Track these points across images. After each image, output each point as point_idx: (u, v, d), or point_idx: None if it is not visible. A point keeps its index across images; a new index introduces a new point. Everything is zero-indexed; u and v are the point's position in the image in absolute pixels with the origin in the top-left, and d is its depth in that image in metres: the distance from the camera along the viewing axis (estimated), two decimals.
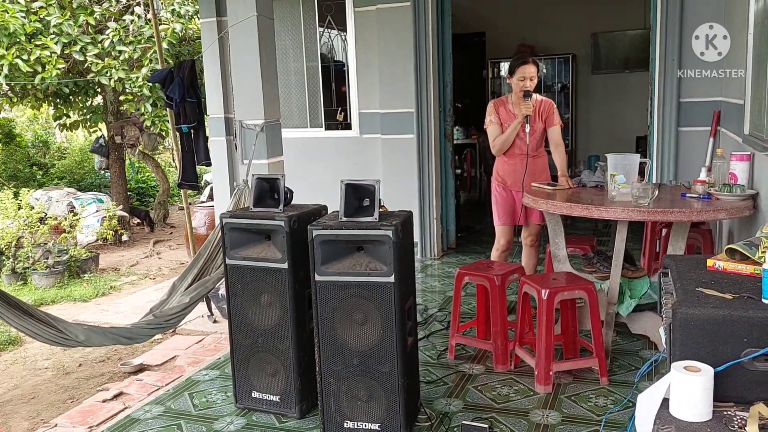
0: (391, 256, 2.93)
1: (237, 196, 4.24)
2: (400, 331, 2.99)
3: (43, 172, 11.86)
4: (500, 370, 3.85)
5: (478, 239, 7.27)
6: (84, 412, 3.67)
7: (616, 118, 9.94)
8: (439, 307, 5.03)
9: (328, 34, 6.78)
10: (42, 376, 4.42)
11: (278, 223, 3.22)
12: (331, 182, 5.50)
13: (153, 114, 7.88)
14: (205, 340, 4.72)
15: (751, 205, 3.47)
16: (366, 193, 3.08)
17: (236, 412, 3.48)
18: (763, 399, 1.81)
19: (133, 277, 6.90)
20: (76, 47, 7.39)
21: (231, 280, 3.38)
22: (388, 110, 6.33)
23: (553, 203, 3.85)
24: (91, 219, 8.15)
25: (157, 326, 3.87)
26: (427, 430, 3.21)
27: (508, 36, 10.30)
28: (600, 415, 3.26)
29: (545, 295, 3.50)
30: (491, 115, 4.53)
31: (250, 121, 4.44)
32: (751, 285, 2.00)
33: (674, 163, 5.30)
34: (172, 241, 8.68)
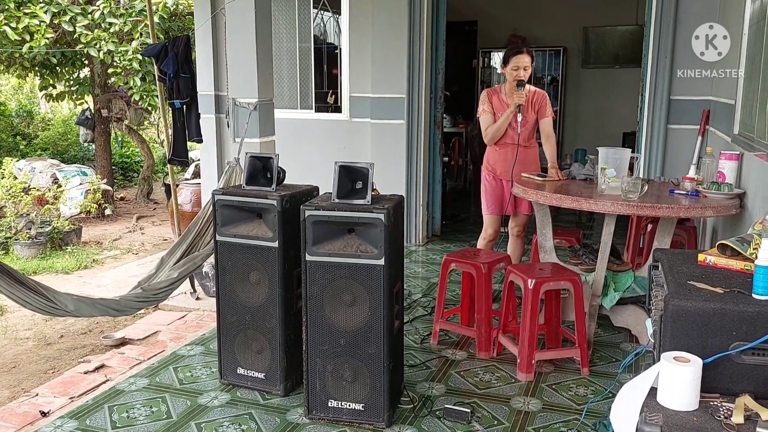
0: (382, 239, 2.94)
1: (228, 173, 4.22)
2: (388, 313, 3.01)
3: (26, 142, 11.70)
4: (483, 357, 3.89)
5: (463, 227, 7.31)
6: (65, 383, 3.66)
7: (604, 112, 10.01)
8: (423, 293, 5.06)
9: (322, 16, 6.75)
10: (23, 346, 4.40)
11: (270, 201, 3.22)
12: (318, 164, 5.49)
13: (141, 88, 7.80)
14: (188, 316, 4.71)
15: (738, 204, 3.52)
16: (359, 175, 3.09)
17: (221, 388, 3.50)
18: (748, 391, 1.85)
19: (116, 251, 6.85)
20: (66, 17, 7.28)
21: (221, 257, 3.38)
22: (379, 95, 6.32)
23: (543, 194, 3.87)
24: (75, 191, 8.08)
25: (145, 300, 3.87)
26: (409, 413, 3.24)
27: (500, 26, 10.31)
28: (580, 404, 3.32)
29: (531, 285, 3.54)
30: (484, 104, 4.54)
31: (244, 100, 4.42)
32: (742, 280, 2.04)
33: (662, 160, 5.36)
34: (156, 217, 8.62)
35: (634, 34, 9.24)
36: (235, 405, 3.33)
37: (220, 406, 3.31)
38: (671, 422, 1.73)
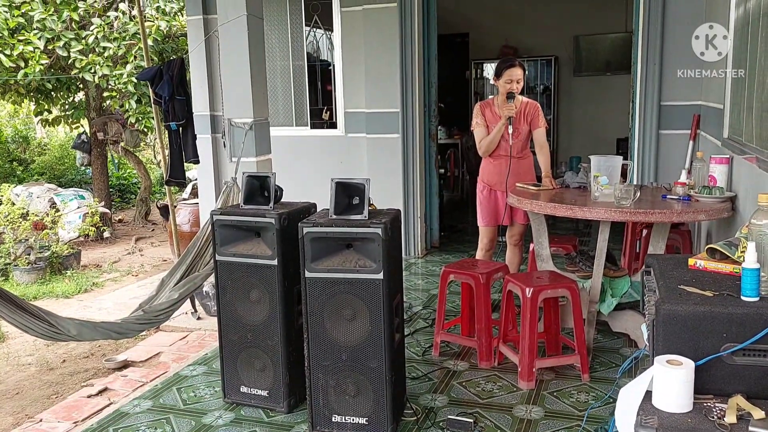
0: (380, 254, 2.98)
1: (226, 193, 4.26)
2: (388, 327, 3.04)
3: (23, 167, 11.75)
4: (484, 367, 3.92)
5: (461, 238, 7.34)
6: (69, 408, 3.68)
7: (597, 119, 10.08)
8: (424, 305, 5.09)
9: (315, 34, 6.81)
10: (25, 372, 4.41)
11: (268, 220, 3.26)
12: (316, 180, 5.55)
13: (137, 110, 7.85)
14: (189, 336, 4.73)
15: (729, 207, 3.56)
16: (356, 191, 3.13)
17: (225, 407, 3.52)
18: (741, 391, 1.88)
19: (116, 273, 6.88)
20: (60, 43, 7.34)
21: (221, 276, 3.41)
22: (373, 110, 6.38)
23: (538, 203, 3.92)
24: (73, 215, 8.10)
25: (147, 321, 3.89)
26: (413, 425, 3.26)
27: (492, 37, 10.41)
28: (581, 410, 3.34)
29: (529, 294, 3.57)
30: (477, 117, 4.60)
31: (239, 120, 4.47)
32: (731, 283, 2.07)
33: (655, 165, 5.40)
34: (154, 238, 8.65)
35: (624, 41, 9.32)
36: (239, 423, 3.35)
37: (225, 425, 3.33)
38: (666, 424, 1.76)
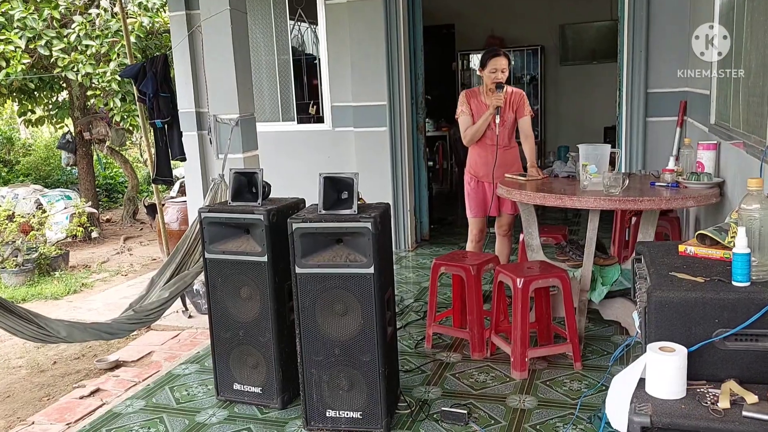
0: (371, 248, 2.97)
1: (213, 190, 4.24)
2: (380, 320, 3.03)
3: (8, 169, 11.65)
4: (477, 358, 3.92)
5: (451, 230, 7.34)
6: (61, 409, 3.65)
7: (585, 108, 10.09)
8: (415, 298, 5.09)
9: (299, 28, 6.78)
10: (16, 375, 4.38)
11: (257, 216, 3.24)
12: (304, 176, 5.53)
13: (122, 109, 7.79)
14: (181, 335, 4.71)
15: (717, 193, 3.57)
16: (344, 185, 3.11)
17: (218, 405, 3.50)
18: (733, 376, 1.89)
19: (105, 273, 6.84)
20: (41, 41, 7.25)
21: (210, 274, 3.39)
22: (360, 103, 6.36)
23: (527, 193, 3.91)
24: (60, 216, 8.04)
25: (137, 321, 3.87)
26: (407, 418, 3.26)
27: (477, 28, 10.38)
28: (574, 399, 3.35)
29: (520, 284, 3.57)
30: (463, 106, 4.59)
31: (225, 116, 4.44)
32: (721, 269, 2.08)
33: (643, 153, 5.42)
34: (143, 237, 8.61)
35: (609, 29, 9.32)
36: (233, 421, 3.34)
37: (219, 423, 3.32)
38: (660, 411, 1.77)
